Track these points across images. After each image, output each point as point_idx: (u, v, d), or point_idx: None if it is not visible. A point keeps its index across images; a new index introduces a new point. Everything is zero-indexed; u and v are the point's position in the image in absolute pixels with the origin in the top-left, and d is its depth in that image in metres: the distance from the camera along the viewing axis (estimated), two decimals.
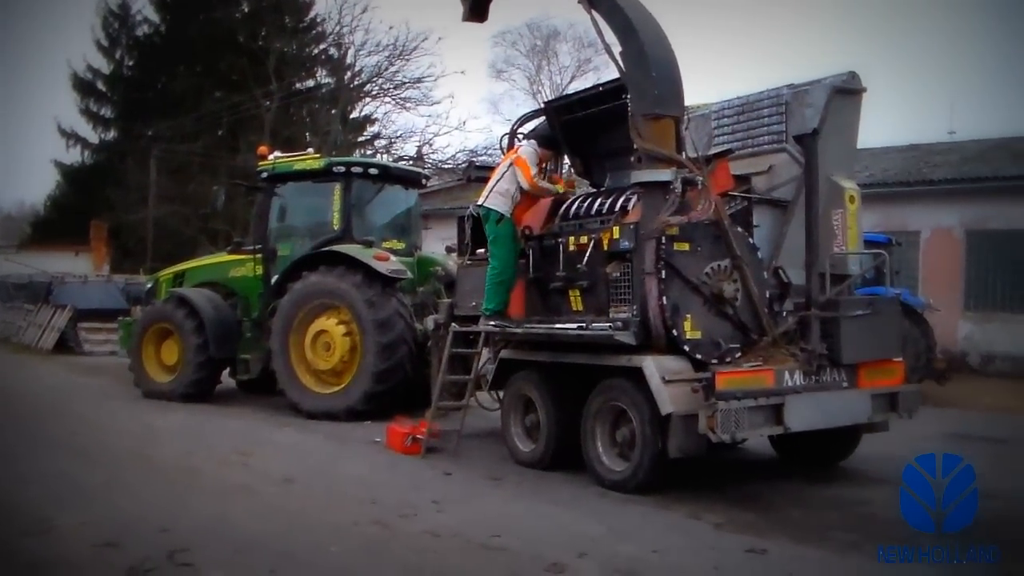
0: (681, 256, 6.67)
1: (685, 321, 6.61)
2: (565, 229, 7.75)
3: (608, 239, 6.96)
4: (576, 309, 7.39)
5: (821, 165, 7.18)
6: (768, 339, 6.85)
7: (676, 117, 6.87)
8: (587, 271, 7.15)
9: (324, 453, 8.40)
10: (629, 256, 6.78)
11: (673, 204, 6.60)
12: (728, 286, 6.77)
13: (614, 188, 8.01)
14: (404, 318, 10.41)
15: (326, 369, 10.65)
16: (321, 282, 10.63)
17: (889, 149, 20.41)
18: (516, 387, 8.00)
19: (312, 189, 11.58)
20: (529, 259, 7.87)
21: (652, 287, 6.57)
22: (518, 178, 7.85)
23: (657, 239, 6.57)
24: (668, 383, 6.34)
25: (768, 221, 7.43)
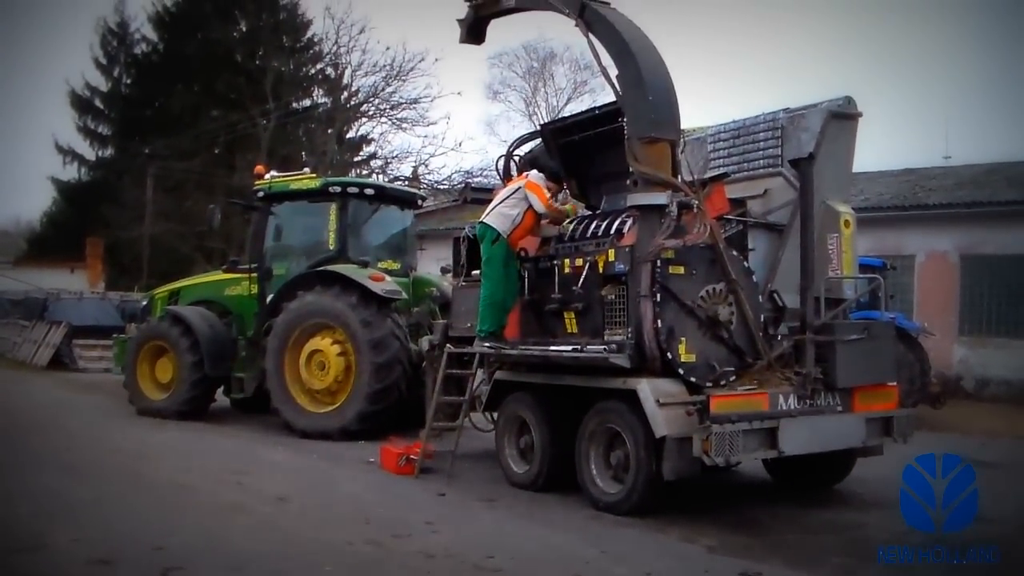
0: (676, 279, 6.73)
1: (680, 344, 6.66)
2: (561, 252, 7.82)
3: (603, 262, 7.03)
4: (571, 331, 7.44)
5: (816, 189, 7.26)
6: (763, 363, 6.90)
7: (672, 140, 6.95)
8: (582, 293, 7.21)
9: (318, 473, 8.39)
10: (624, 279, 6.84)
11: (669, 227, 6.67)
12: (723, 309, 6.82)
13: (610, 211, 8.08)
14: (399, 338, 10.44)
15: (321, 388, 10.65)
16: (316, 302, 10.67)
17: (884, 173, 20.57)
18: (511, 408, 8.03)
19: (308, 209, 11.64)
20: (525, 281, 7.93)
21: (647, 310, 6.62)
22: (532, 202, 7.91)
23: (652, 262, 6.64)
24: (663, 406, 6.37)
25: (763, 245, 7.50)
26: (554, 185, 8.26)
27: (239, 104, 30.44)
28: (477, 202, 9.52)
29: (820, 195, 7.32)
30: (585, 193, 8.80)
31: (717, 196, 7.04)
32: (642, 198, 6.83)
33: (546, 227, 8.21)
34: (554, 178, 8.27)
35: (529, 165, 8.64)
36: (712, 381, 6.69)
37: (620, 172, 7.49)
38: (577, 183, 8.71)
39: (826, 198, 7.42)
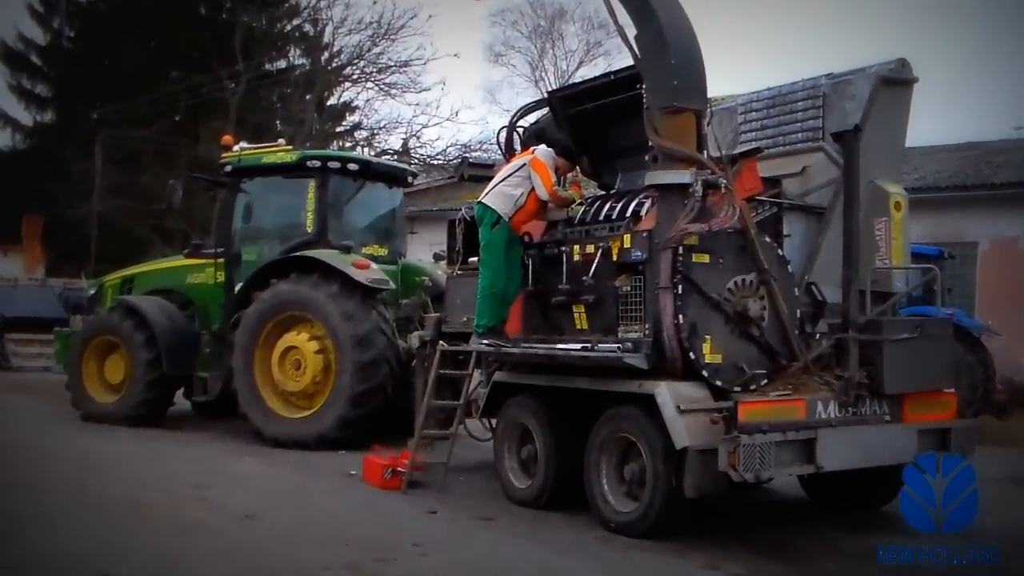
0: (701, 269, 6.80)
1: (704, 343, 6.73)
2: (569, 237, 7.89)
3: (618, 248, 7.10)
4: (580, 327, 7.52)
5: (863, 166, 7.31)
6: (799, 365, 6.97)
7: (697, 111, 7.01)
8: (593, 284, 7.28)
9: (291, 486, 8.49)
10: (641, 268, 6.91)
11: (692, 210, 6.73)
12: (754, 304, 6.89)
13: (625, 191, 8.14)
14: (385, 334, 10.54)
15: (296, 391, 10.76)
16: (292, 291, 10.76)
17: (943, 148, 20.49)
18: (511, 415, 8.11)
19: (283, 186, 11.73)
20: (528, 270, 8.01)
21: (667, 304, 6.69)
22: (535, 185, 7.98)
23: (673, 249, 6.71)
24: (684, 413, 6.45)
25: (801, 230, 7.57)
26: (565, 163, 8.32)
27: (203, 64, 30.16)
28: (475, 180, 9.60)
29: (867, 173, 7.38)
30: (598, 170, 8.87)
31: (748, 174, 7.09)
32: (662, 176, 6.89)
33: (552, 210, 8.28)
34: (565, 155, 8.33)
35: (535, 138, 8.71)
36: (741, 385, 6.77)
37: (638, 147, 7.56)
38: (589, 159, 8.77)
39: (874, 177, 7.49)
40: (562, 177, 8.37)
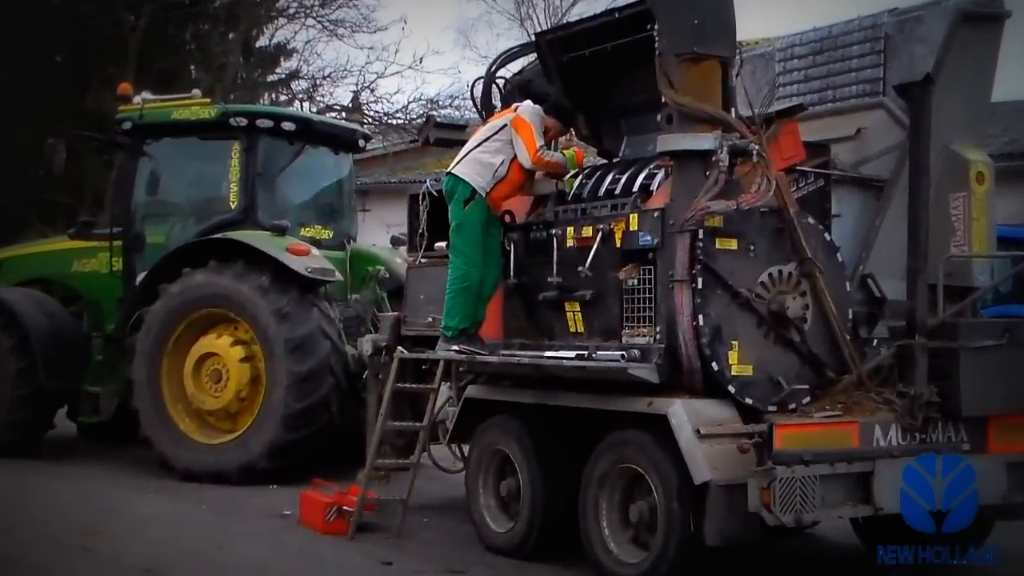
0: (726, 258, 6.89)
1: (730, 350, 6.82)
2: (562, 217, 8.00)
3: (622, 232, 7.20)
4: (575, 330, 7.63)
5: (936, 128, 7.37)
6: (851, 378, 7.06)
7: (724, 58, 7.09)
8: (591, 277, 7.38)
9: (208, 532, 8.53)
10: (652, 256, 7.01)
11: (716, 183, 6.81)
12: (793, 302, 6.99)
13: (632, 159, 8.23)
14: (329, 338, 10.63)
15: (215, 409, 10.86)
16: (210, 283, 10.84)
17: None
18: (488, 440, 8.22)
19: (198, 149, 11.82)
20: (510, 259, 8.13)
21: (684, 301, 6.77)
22: (517, 151, 8.06)
23: (692, 233, 6.79)
24: (705, 438, 6.53)
25: (854, 208, 7.67)
26: (556, 124, 8.39)
27: None
28: (444, 144, 9.71)
29: (941, 136, 7.45)
30: (598, 134, 8.97)
31: (788, 138, 7.18)
32: (678, 141, 6.97)
33: (541, 181, 8.36)
34: (557, 113, 8.40)
35: (518, 93, 8.78)
36: (777, 404, 6.86)
37: (647, 104, 7.65)
38: (586, 119, 8.86)
39: (950, 140, 7.56)
40: (552, 142, 8.44)
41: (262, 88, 31.51)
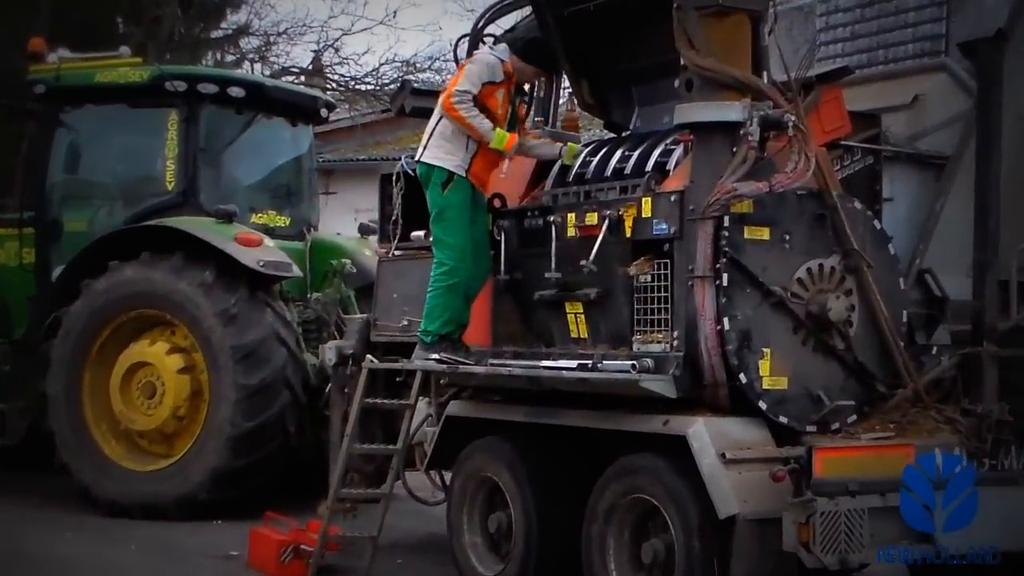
0: (757, 250, 6.86)
1: (762, 359, 6.81)
2: (562, 201, 8.00)
3: (633, 219, 7.18)
4: (577, 335, 7.63)
5: (1009, 94, 7.33)
6: (906, 392, 7.06)
7: (753, 12, 7.08)
8: (597, 273, 7.34)
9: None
10: (668, 248, 6.99)
11: (745, 161, 6.80)
12: (837, 302, 6.95)
13: (645, 133, 8.23)
14: (285, 345, 10.63)
15: (148, 430, 10.86)
16: (142, 280, 10.81)
17: None
18: (474, 466, 8.21)
19: (128, 119, 11.78)
20: (500, 251, 8.13)
21: (706, 301, 6.75)
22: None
23: (716, 220, 6.77)
24: (731, 464, 6.50)
25: (910, 191, 7.68)
26: (531, 68, 8.38)
27: None
28: (422, 114, 9.59)
29: (1016, 104, 7.44)
30: (604, 103, 8.97)
31: (830, 107, 7.18)
32: (700, 111, 6.94)
33: (542, 143, 8.42)
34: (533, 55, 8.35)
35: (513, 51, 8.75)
36: (817, 423, 6.86)
37: (663, 67, 7.63)
38: (591, 85, 8.87)
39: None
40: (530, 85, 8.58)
41: (204, 46, 31.37)
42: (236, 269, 10.60)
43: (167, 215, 11.19)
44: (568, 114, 8.90)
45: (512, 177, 8.57)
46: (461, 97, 7.94)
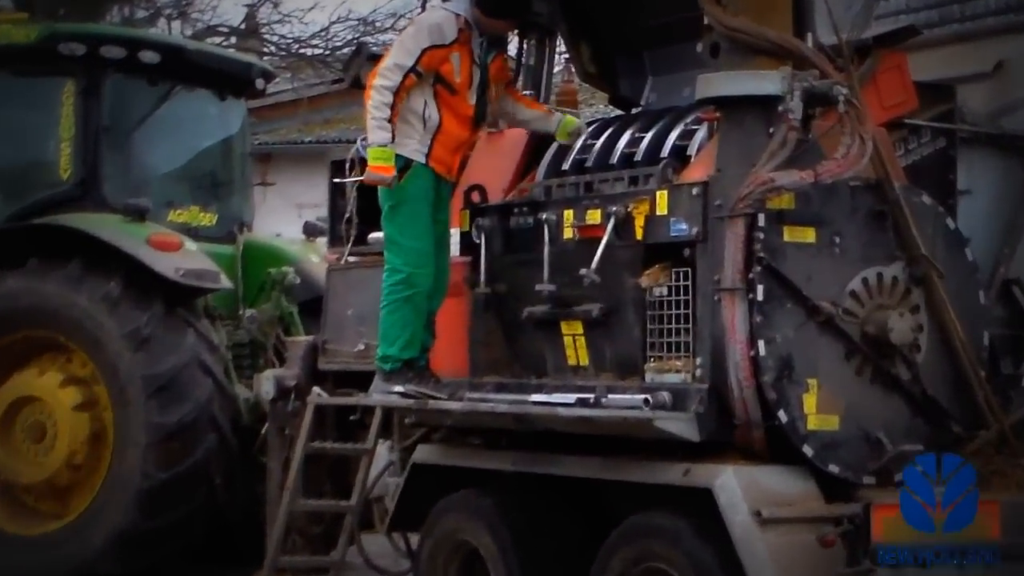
0: (800, 255, 6.87)
1: (806, 393, 6.80)
2: (557, 196, 8.02)
3: (645, 217, 7.21)
4: (576, 363, 7.66)
5: None
6: (989, 435, 7.07)
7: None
8: (600, 285, 7.35)
9: None
10: (689, 254, 7.00)
11: (785, 145, 6.78)
12: (900, 320, 6.96)
13: (659, 110, 8.26)
14: (212, 374, 10.64)
15: (35, 483, 10.83)
16: (29, 293, 10.82)
17: None
18: (447, 527, 8.20)
19: (10, 91, 11.81)
20: (480, 256, 8.16)
21: (737, 320, 6.74)
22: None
23: (749, 219, 6.75)
24: (769, 524, 6.48)
25: (992, 182, 7.72)
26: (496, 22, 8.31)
27: None
28: None
29: None
30: (610, 72, 9.02)
31: (891, 77, 7.22)
32: (730, 82, 6.93)
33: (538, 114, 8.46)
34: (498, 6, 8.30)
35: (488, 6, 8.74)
36: (876, 473, 6.87)
37: (682, 28, 7.67)
38: (593, 50, 8.92)
39: None
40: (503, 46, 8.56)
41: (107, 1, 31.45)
42: (149, 280, 10.60)
43: (61, 211, 11.19)
44: (565, 86, 8.93)
45: (494, 163, 8.57)
46: (383, 80, 8.00)
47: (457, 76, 8.14)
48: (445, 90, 8.12)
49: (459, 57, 8.16)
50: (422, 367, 8.18)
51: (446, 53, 8.10)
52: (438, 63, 8.07)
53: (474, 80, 8.25)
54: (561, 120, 8.32)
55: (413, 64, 7.98)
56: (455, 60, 8.15)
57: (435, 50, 8.05)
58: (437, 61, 8.06)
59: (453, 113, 8.20)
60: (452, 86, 8.12)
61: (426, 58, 8.01)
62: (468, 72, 8.22)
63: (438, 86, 8.12)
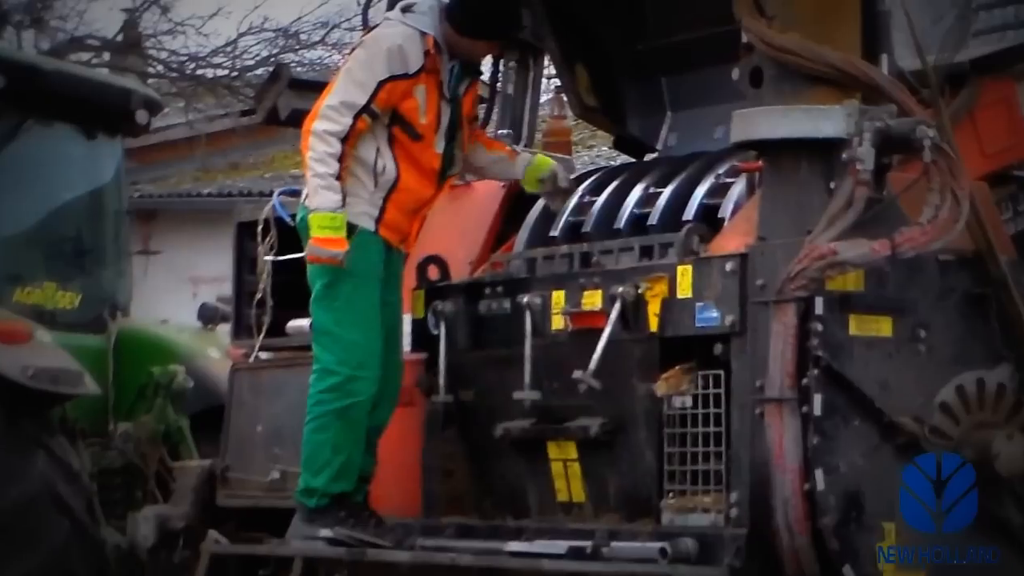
0: (872, 355, 6.91)
1: (880, 541, 6.84)
2: (542, 271, 8.10)
3: (662, 303, 7.24)
4: (568, 498, 7.67)
5: None
6: None
7: None
8: (601, 392, 7.37)
9: None
10: (723, 351, 7.05)
11: (851, 205, 6.83)
12: (1009, 444, 6.99)
13: (680, 158, 8.36)
14: (69, 512, 10.57)
15: None
16: None
17: None
18: None
19: None
20: (439, 352, 8.18)
21: (786, 441, 6.76)
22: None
23: (803, 305, 6.79)
24: None
25: None
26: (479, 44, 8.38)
27: None
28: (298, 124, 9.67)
29: None
30: (614, 104, 9.11)
31: (995, 113, 7.31)
32: (776, 120, 6.98)
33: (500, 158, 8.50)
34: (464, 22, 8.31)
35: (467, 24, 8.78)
36: None
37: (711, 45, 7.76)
38: (590, 75, 8.98)
39: None
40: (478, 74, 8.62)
41: None
42: None
43: None
44: (554, 123, 8.92)
45: (459, 226, 8.59)
46: (327, 123, 7.99)
47: (422, 116, 8.15)
48: (405, 134, 8.12)
49: (425, 91, 8.16)
50: (359, 504, 8.16)
51: (409, 86, 8.09)
52: (398, 99, 8.08)
53: (442, 120, 8.25)
54: (529, 162, 8.34)
55: (367, 102, 7.99)
56: (420, 95, 8.14)
57: (396, 82, 8.05)
58: (397, 96, 8.07)
59: (414, 164, 8.20)
60: (415, 129, 8.12)
61: (384, 93, 8.02)
62: (436, 110, 8.22)
63: (396, 129, 8.11)
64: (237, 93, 27.15)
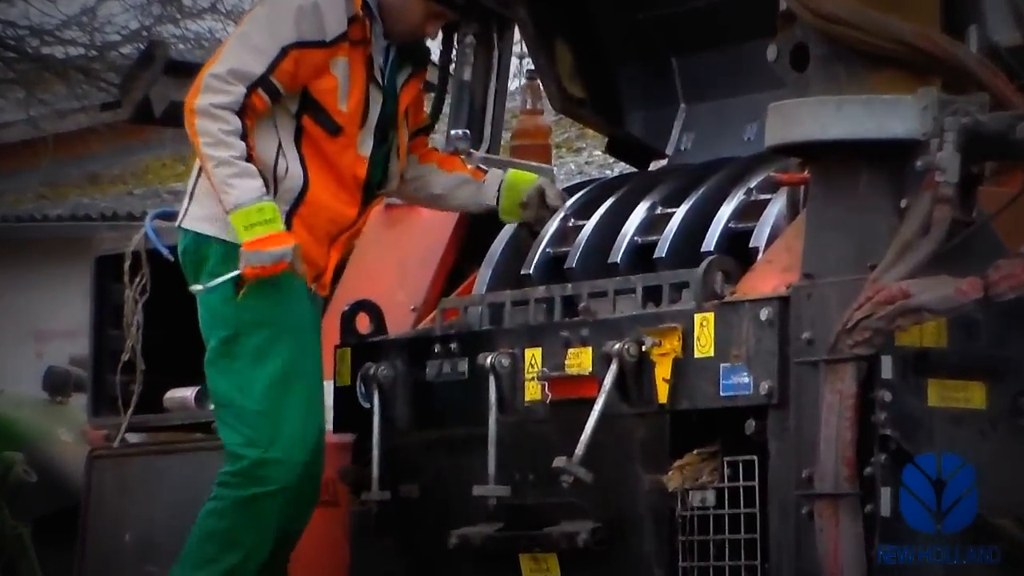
0: (960, 434, 7.01)
1: None
2: (511, 322, 8.12)
3: (674, 363, 7.27)
4: None
5: None
6: None
7: None
8: (593, 487, 7.40)
9: None
10: (758, 429, 7.08)
11: (929, 230, 6.86)
12: None
13: (697, 166, 8.45)
14: None
15: None
16: None
17: None
18: None
19: None
20: (371, 432, 8.19)
21: (843, 548, 6.79)
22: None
23: (865, 366, 6.82)
24: None
25: None
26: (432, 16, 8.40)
27: None
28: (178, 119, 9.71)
29: None
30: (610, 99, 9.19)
31: None
32: (826, 115, 7.02)
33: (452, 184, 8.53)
34: None
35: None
36: None
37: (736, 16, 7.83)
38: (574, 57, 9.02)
39: None
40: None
41: None
42: None
43: None
44: (527, 119, 8.95)
45: (399, 261, 8.61)
46: (213, 96, 7.97)
47: (342, 102, 8.14)
48: (318, 126, 8.12)
49: (347, 67, 8.14)
50: None
51: (324, 58, 8.09)
52: (309, 74, 8.07)
53: (370, 111, 8.25)
54: (503, 181, 8.40)
55: (265, 71, 7.97)
56: (340, 72, 8.13)
57: (306, 50, 8.03)
58: (308, 70, 8.06)
59: (330, 169, 8.21)
60: (331, 119, 8.12)
61: (289, 63, 8.00)
62: (362, 95, 8.21)
63: (306, 118, 8.11)
64: (96, 79, 27.24)
